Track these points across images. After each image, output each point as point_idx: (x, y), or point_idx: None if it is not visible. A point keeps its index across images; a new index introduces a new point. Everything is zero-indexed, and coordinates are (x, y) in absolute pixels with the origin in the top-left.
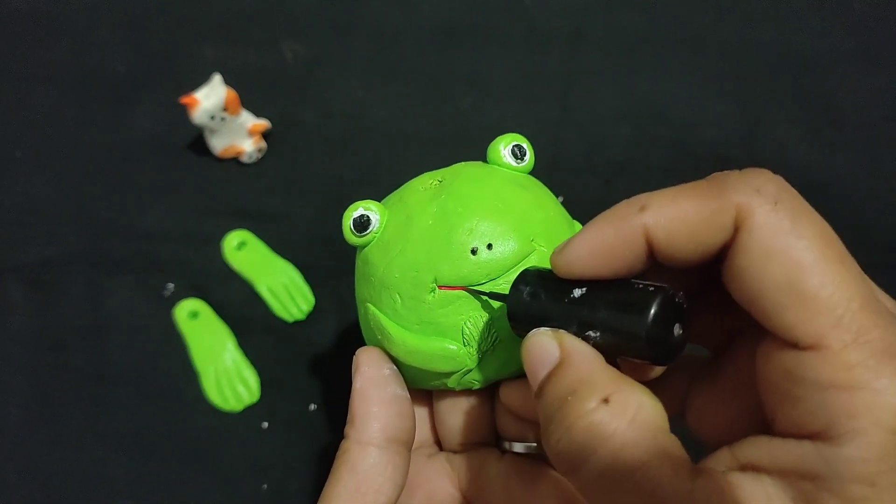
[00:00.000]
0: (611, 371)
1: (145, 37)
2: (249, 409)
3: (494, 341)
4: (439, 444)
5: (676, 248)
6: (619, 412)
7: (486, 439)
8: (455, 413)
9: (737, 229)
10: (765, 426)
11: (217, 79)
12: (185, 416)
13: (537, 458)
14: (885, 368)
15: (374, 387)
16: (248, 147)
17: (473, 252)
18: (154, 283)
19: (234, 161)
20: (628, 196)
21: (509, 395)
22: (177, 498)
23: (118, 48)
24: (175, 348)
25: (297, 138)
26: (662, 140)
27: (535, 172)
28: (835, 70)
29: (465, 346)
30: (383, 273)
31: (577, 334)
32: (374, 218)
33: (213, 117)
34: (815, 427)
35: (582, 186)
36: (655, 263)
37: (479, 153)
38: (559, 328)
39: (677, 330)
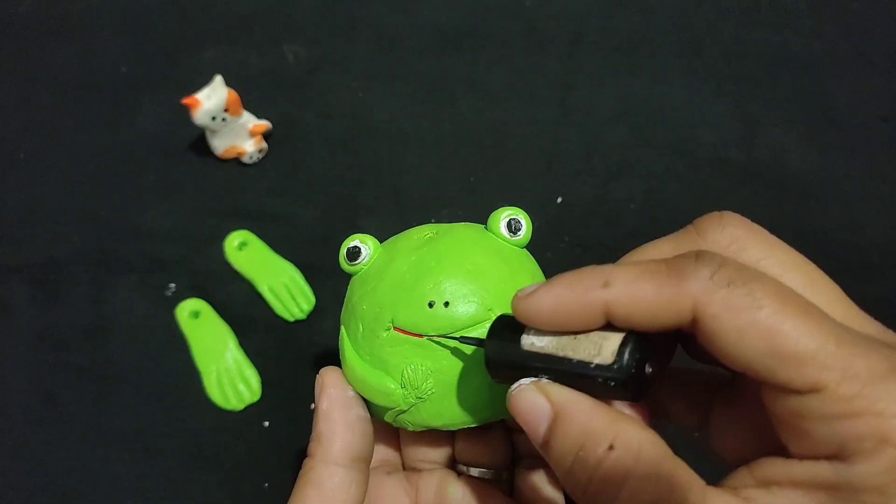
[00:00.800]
0: (606, 413)
1: (147, 39)
2: (251, 408)
3: (428, 392)
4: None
5: (634, 324)
6: (624, 455)
7: (444, 460)
8: (417, 434)
9: (697, 317)
10: (781, 447)
11: (218, 80)
12: (187, 414)
13: (492, 483)
14: (878, 393)
15: (339, 408)
16: (250, 148)
17: (430, 305)
18: (156, 282)
19: (236, 161)
20: (626, 196)
21: (465, 454)
22: (179, 496)
23: (120, 50)
24: (177, 348)
25: (297, 139)
26: (660, 141)
27: (533, 175)
28: (831, 72)
29: (402, 387)
30: (356, 302)
31: (555, 381)
32: (365, 252)
33: (214, 118)
34: (827, 452)
35: (580, 187)
36: None
37: (478, 154)
38: (537, 376)
39: (648, 369)
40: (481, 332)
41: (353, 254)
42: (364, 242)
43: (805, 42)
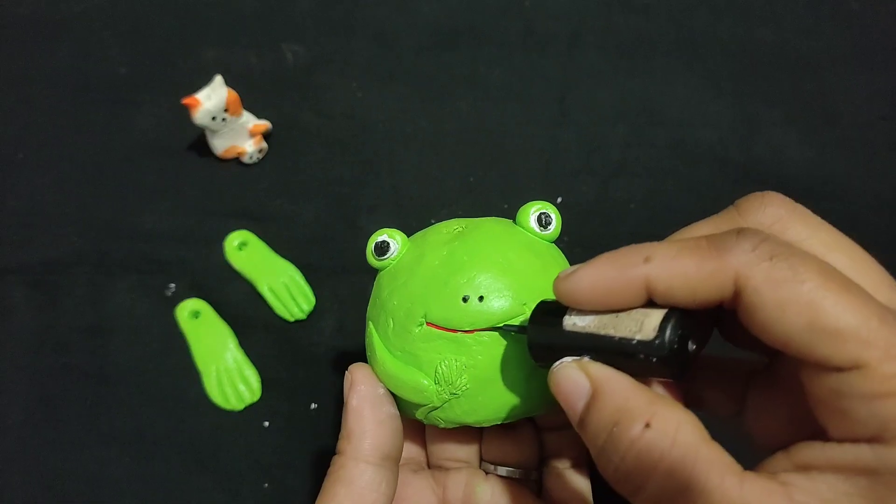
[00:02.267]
0: (644, 393)
1: (147, 39)
2: (251, 409)
3: (463, 388)
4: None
5: (675, 299)
6: (661, 435)
7: (471, 459)
8: (444, 432)
9: (738, 290)
10: (819, 431)
11: (218, 80)
12: (187, 415)
13: (519, 482)
14: None
15: (369, 405)
16: (250, 148)
17: (464, 300)
18: (156, 283)
19: (236, 162)
20: (626, 196)
21: (493, 453)
22: (179, 497)
23: (120, 50)
24: (177, 348)
25: (297, 139)
26: (660, 140)
27: (532, 175)
28: (831, 70)
29: (435, 384)
30: (386, 298)
31: (597, 360)
32: (394, 246)
33: (214, 118)
34: (868, 434)
35: (580, 187)
36: None
37: (477, 154)
38: (580, 356)
39: (691, 346)
40: (549, 298)
41: (382, 248)
42: (392, 237)
43: (805, 41)
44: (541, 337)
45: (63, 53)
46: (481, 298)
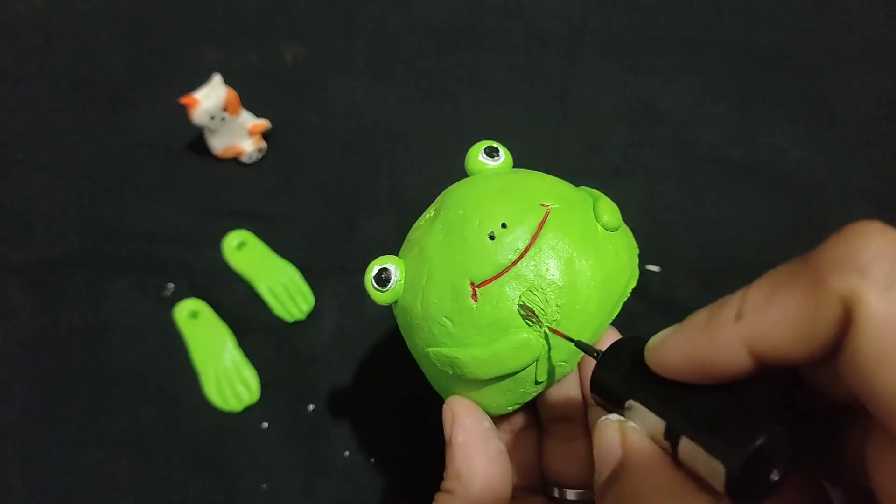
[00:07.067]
0: (671, 481)
1: (145, 38)
2: (249, 409)
3: (557, 311)
4: None
5: (787, 358)
6: None
7: (532, 484)
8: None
9: (849, 320)
10: None
11: (217, 79)
12: (185, 416)
13: None
14: None
15: (478, 441)
16: (248, 147)
17: (491, 237)
18: (154, 283)
19: (235, 161)
20: (626, 196)
21: (556, 472)
22: (176, 498)
23: (118, 49)
24: (175, 348)
25: (296, 139)
26: (661, 140)
27: None
28: (832, 71)
29: (529, 327)
30: (422, 308)
31: (662, 431)
32: (392, 268)
33: (213, 117)
34: None
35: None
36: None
37: None
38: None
39: (774, 476)
40: (633, 337)
41: (384, 279)
42: (385, 262)
43: (805, 42)
44: (605, 377)
45: (61, 52)
46: (504, 225)
